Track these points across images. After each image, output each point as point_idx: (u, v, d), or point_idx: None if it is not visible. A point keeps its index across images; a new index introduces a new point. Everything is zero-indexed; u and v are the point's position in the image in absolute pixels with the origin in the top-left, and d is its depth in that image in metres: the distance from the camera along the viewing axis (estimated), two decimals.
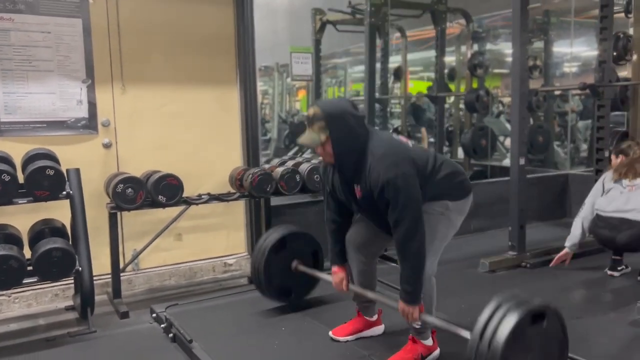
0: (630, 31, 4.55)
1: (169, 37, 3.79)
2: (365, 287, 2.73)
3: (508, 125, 7.06)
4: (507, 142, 7.06)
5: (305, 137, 2.40)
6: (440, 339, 2.58)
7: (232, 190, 3.85)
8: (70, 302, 3.49)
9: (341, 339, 2.76)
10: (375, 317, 2.82)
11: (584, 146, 7.17)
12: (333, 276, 2.73)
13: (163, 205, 3.41)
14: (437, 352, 2.55)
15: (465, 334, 2.13)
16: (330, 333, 2.79)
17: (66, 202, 3.09)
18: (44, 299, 3.52)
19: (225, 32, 3.99)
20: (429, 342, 2.54)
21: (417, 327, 2.46)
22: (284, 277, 3.14)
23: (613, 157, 3.85)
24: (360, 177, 2.37)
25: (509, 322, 1.96)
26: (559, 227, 4.98)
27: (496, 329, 1.96)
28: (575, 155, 6.92)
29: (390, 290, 3.29)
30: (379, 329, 2.83)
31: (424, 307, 2.42)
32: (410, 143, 2.53)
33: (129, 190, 3.29)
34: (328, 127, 2.33)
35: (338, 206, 2.65)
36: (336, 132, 2.34)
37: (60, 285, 3.53)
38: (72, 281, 3.48)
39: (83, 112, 3.57)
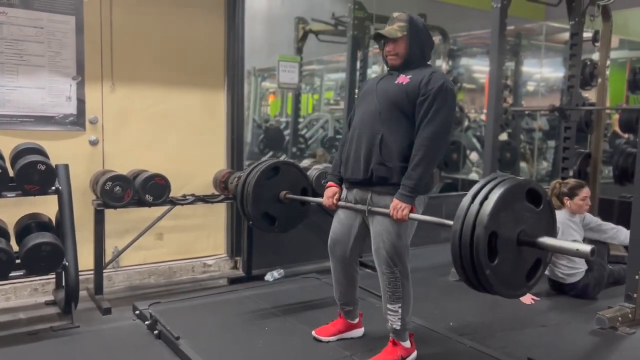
0: (596, 57, 4.84)
1: (160, 39, 3.85)
2: (346, 292, 2.83)
3: (474, 140, 7.35)
4: (471, 156, 7.35)
5: (385, 30, 2.58)
6: (417, 342, 2.73)
7: (216, 192, 3.92)
8: (50, 297, 3.49)
9: (324, 338, 2.87)
10: (356, 320, 2.94)
11: (544, 163, 7.50)
12: (326, 190, 2.77)
13: (150, 205, 3.47)
14: (415, 354, 2.69)
15: (450, 222, 2.10)
16: (313, 332, 2.90)
17: (50, 198, 3.12)
18: (23, 293, 3.51)
19: (215, 37, 4.08)
20: (407, 344, 2.67)
21: (397, 328, 2.59)
22: (270, 205, 3.10)
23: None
24: (417, 74, 2.52)
25: (506, 185, 1.94)
26: None
27: (490, 190, 1.94)
28: (538, 172, 7.23)
29: (370, 297, 3.44)
30: (359, 332, 2.95)
31: (402, 307, 2.55)
32: None
33: (117, 188, 3.33)
34: (407, 28, 2.55)
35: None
36: (413, 34, 2.57)
37: (40, 280, 3.53)
38: (53, 276, 3.50)
39: (71, 108, 3.59)
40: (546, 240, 1.95)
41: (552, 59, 7.12)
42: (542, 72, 7.24)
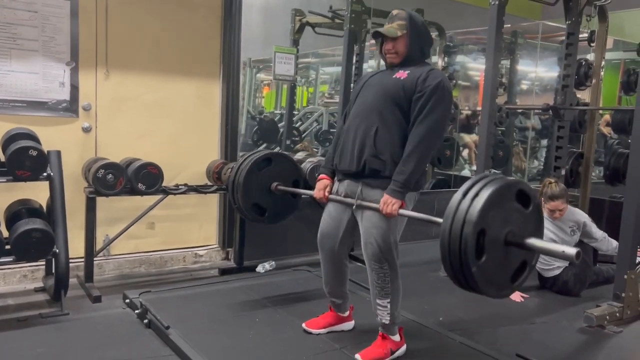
0: (591, 58, 4.86)
1: (156, 26, 3.82)
2: (335, 285, 2.84)
3: (466, 137, 7.37)
4: (464, 153, 7.38)
5: (385, 28, 2.59)
6: (406, 336, 2.74)
7: (209, 183, 3.91)
8: (39, 284, 3.48)
9: (314, 331, 2.88)
10: (347, 313, 2.95)
11: (535, 162, 7.54)
12: (318, 183, 2.78)
13: (142, 193, 3.45)
14: (404, 347, 2.71)
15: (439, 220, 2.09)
16: (303, 325, 2.91)
17: (41, 184, 3.10)
18: (12, 279, 3.49)
19: (212, 25, 4.05)
20: (396, 337, 2.69)
21: (386, 322, 2.61)
22: (261, 195, 3.09)
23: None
24: (414, 71, 2.53)
25: (497, 184, 1.94)
26: None
27: (482, 188, 1.93)
28: (530, 170, 7.27)
29: (361, 291, 3.45)
30: (349, 325, 2.96)
31: (391, 302, 2.57)
32: None
33: (110, 176, 3.31)
34: (407, 26, 2.56)
35: None
36: (413, 32, 2.58)
37: (29, 266, 3.51)
38: (43, 263, 3.48)
39: (65, 94, 3.56)
40: (533, 241, 1.97)
41: (547, 58, 7.14)
42: (537, 71, 7.26)
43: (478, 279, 1.93)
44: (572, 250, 1.82)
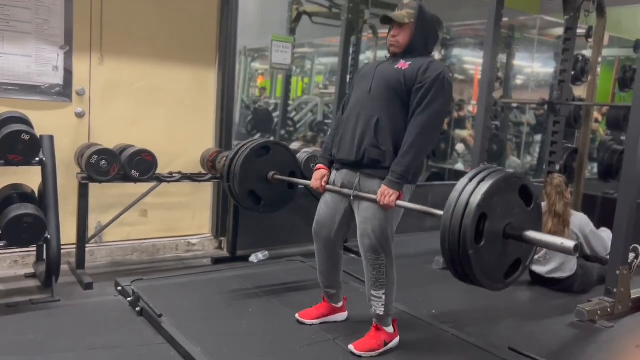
0: (588, 53, 4.86)
1: (152, 11, 3.77)
2: (329, 275, 2.83)
3: (462, 131, 7.38)
4: (458, 146, 7.39)
5: (394, 13, 2.56)
6: (400, 327, 2.74)
7: (203, 171, 3.88)
8: (30, 270, 3.44)
9: (307, 322, 2.87)
10: (340, 304, 2.95)
11: (528, 157, 7.57)
12: (315, 173, 2.76)
13: (135, 180, 3.42)
14: (397, 339, 2.70)
15: (439, 212, 2.12)
16: (297, 315, 2.90)
17: (33, 169, 3.06)
18: (3, 265, 3.45)
19: (209, 12, 4.00)
20: (390, 329, 2.68)
21: (380, 313, 2.60)
22: (257, 184, 3.07)
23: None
24: (416, 62, 2.50)
25: (503, 174, 1.99)
26: None
27: (489, 175, 1.98)
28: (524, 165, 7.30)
29: (355, 282, 3.45)
30: (343, 315, 2.96)
31: (386, 294, 2.57)
32: None
33: (103, 162, 3.27)
34: (415, 16, 2.53)
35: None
36: (420, 23, 2.55)
37: (20, 252, 3.48)
38: (34, 249, 3.44)
39: (58, 78, 3.51)
40: (531, 234, 1.97)
41: (544, 53, 7.15)
42: (534, 66, 7.26)
43: (474, 264, 1.94)
44: (570, 243, 1.83)
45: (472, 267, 1.95)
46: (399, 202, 2.43)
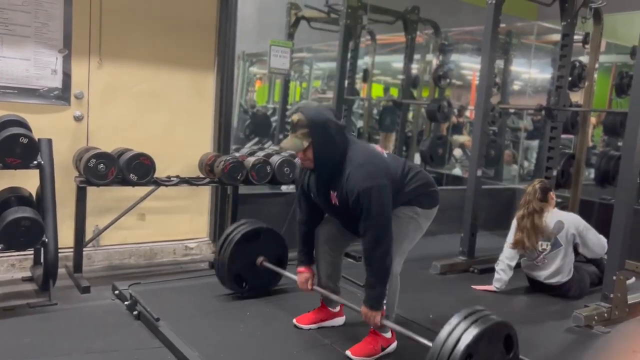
0: (585, 60, 4.88)
1: (151, 15, 3.78)
2: (330, 278, 2.86)
3: (459, 137, 7.40)
4: (455, 152, 7.41)
5: (288, 142, 2.50)
6: (397, 332, 2.74)
7: (201, 175, 3.88)
8: (27, 273, 3.43)
9: (304, 326, 2.87)
10: (337, 309, 2.95)
11: (526, 163, 7.59)
12: (298, 276, 2.84)
13: (134, 184, 3.42)
14: (395, 344, 2.71)
15: (427, 343, 2.25)
16: (294, 320, 2.90)
17: (31, 172, 3.06)
18: (0, 268, 3.44)
19: (208, 17, 4.02)
20: (388, 334, 2.69)
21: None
22: (244, 266, 3.19)
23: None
24: (338, 183, 2.48)
25: (493, 321, 2.11)
26: (503, 238, 5.27)
27: (480, 318, 2.10)
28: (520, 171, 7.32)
29: (350, 285, 3.44)
30: (340, 320, 2.96)
31: (387, 306, 2.58)
32: (385, 153, 2.68)
33: (101, 165, 3.28)
34: (311, 134, 2.44)
35: (310, 208, 2.77)
36: (318, 140, 2.45)
37: (17, 255, 3.47)
38: (31, 252, 3.43)
39: (57, 82, 3.51)
40: None
41: (541, 59, 7.17)
42: (531, 72, 7.29)
43: None
44: None
45: None
46: (385, 322, 2.51)
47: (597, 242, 3.67)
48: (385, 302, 2.55)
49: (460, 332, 2.05)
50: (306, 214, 2.79)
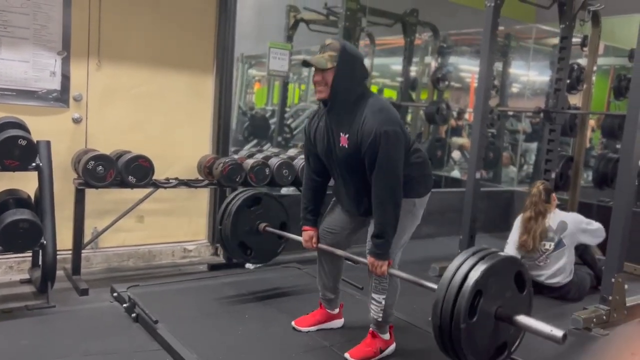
0: (583, 62, 4.89)
1: (150, 18, 3.78)
2: (329, 279, 2.85)
3: (458, 139, 7.40)
4: (453, 154, 7.41)
5: (314, 58, 2.44)
6: (395, 334, 2.74)
7: (200, 177, 3.88)
8: (25, 275, 3.43)
9: (303, 329, 2.87)
10: (336, 311, 2.95)
11: (525, 166, 7.60)
12: (303, 234, 2.78)
13: (132, 186, 3.42)
14: (393, 346, 2.71)
15: (432, 286, 2.17)
16: (292, 323, 2.90)
17: (29, 174, 3.06)
18: None
19: (206, 19, 4.02)
20: (386, 336, 2.68)
21: (378, 319, 2.60)
22: (247, 233, 3.14)
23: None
24: (351, 125, 2.41)
25: (502, 257, 2.02)
26: (503, 240, 5.27)
27: (488, 255, 2.00)
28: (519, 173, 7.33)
29: (351, 289, 3.44)
30: (339, 322, 2.96)
31: (386, 304, 2.58)
32: None
33: (100, 168, 3.27)
34: (338, 58, 2.40)
35: (317, 165, 2.71)
36: (342, 67, 2.39)
37: (16, 257, 3.47)
38: (29, 254, 3.43)
39: (55, 84, 3.51)
40: (522, 318, 2.01)
41: (539, 62, 7.19)
42: (529, 74, 7.30)
43: (463, 339, 1.93)
44: (559, 332, 1.85)
45: (461, 342, 1.93)
46: (391, 271, 2.49)
47: (598, 227, 3.72)
48: (385, 303, 2.56)
49: (467, 268, 1.95)
50: (314, 170, 2.72)
